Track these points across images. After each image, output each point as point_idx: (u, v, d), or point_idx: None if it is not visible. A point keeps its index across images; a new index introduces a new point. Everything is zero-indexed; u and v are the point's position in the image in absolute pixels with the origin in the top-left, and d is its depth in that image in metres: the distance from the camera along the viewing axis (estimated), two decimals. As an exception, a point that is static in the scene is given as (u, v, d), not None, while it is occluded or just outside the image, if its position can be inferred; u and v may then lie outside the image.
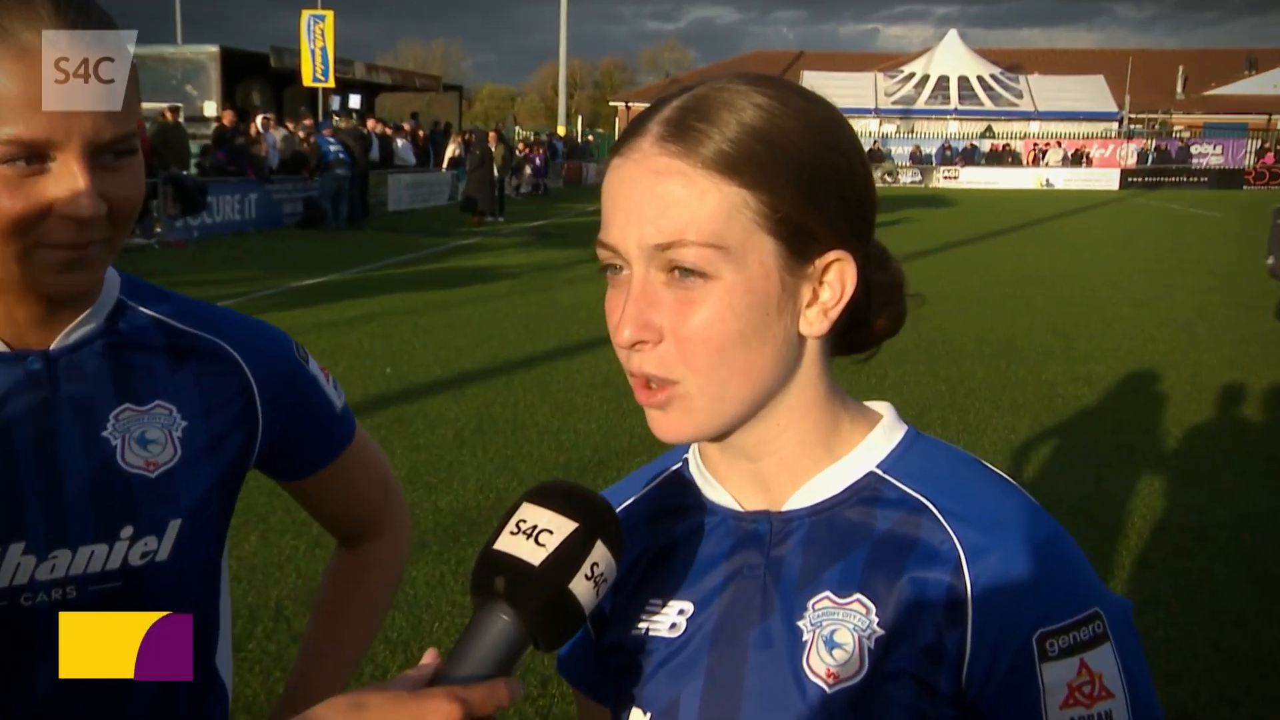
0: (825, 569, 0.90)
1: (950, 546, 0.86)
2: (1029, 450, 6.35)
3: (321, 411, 1.33)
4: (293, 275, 13.24)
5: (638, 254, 0.85)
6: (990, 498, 0.90)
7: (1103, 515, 5.20)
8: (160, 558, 1.14)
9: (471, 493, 5.40)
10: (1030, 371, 8.43)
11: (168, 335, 1.21)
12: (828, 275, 0.87)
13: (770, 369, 0.87)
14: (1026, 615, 0.84)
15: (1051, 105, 53.81)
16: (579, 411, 6.98)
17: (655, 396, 0.87)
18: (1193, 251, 18.37)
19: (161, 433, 1.17)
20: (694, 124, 0.84)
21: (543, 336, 9.59)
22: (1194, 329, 10.52)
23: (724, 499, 0.96)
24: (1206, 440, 6.59)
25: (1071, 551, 0.89)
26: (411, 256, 16.09)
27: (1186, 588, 4.41)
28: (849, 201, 0.86)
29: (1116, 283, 14.01)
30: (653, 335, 0.85)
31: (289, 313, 10.24)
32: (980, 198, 35.99)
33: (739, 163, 0.82)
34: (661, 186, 0.83)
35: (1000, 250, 18.24)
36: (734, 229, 0.83)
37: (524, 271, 14.31)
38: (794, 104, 0.85)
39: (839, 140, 0.86)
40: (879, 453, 0.93)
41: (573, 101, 67.68)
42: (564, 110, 43.94)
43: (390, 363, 8.35)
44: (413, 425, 6.57)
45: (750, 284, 0.84)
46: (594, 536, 0.84)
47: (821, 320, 0.87)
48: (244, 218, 19.04)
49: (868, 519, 0.90)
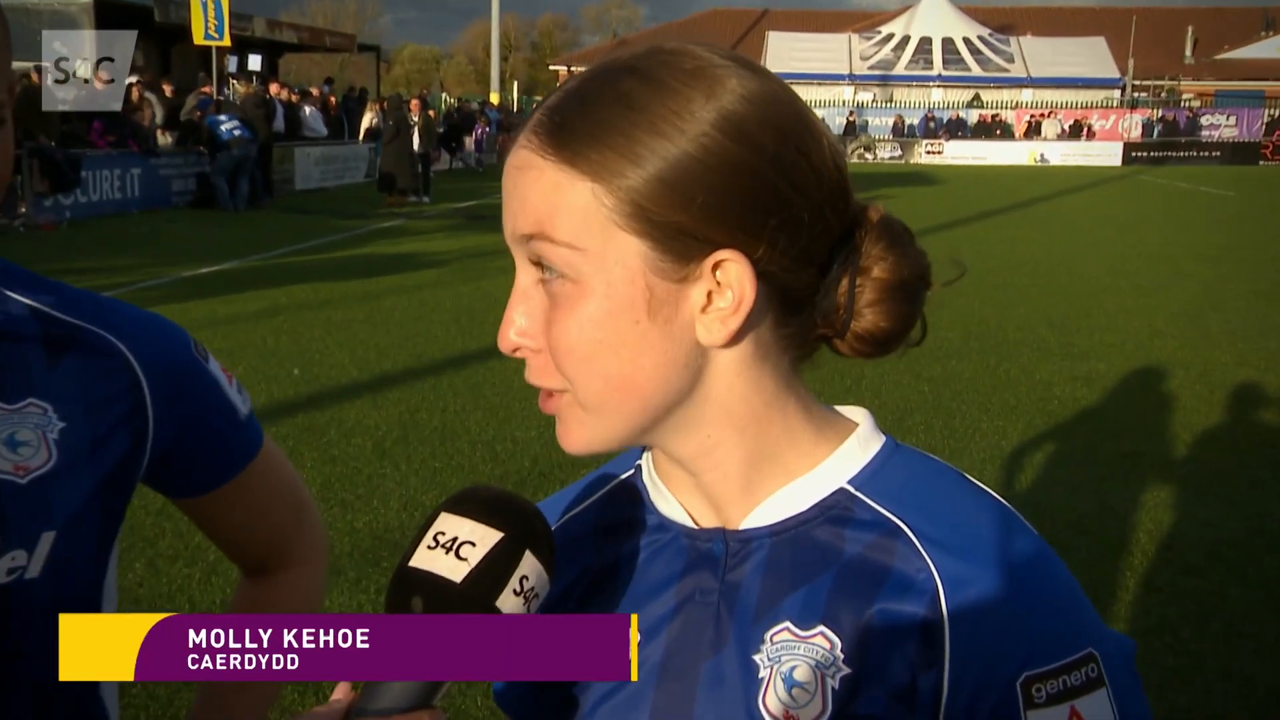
0: (786, 596, 0.90)
1: (927, 575, 0.86)
2: (1022, 458, 6.44)
3: (223, 418, 1.32)
4: (183, 263, 13.11)
5: (515, 248, 0.89)
6: (974, 520, 0.90)
7: (1104, 531, 5.29)
8: (30, 574, 1.13)
9: (394, 511, 5.38)
10: (1023, 370, 8.54)
11: (45, 325, 1.19)
12: (722, 276, 0.85)
13: (654, 381, 0.87)
14: (1011, 656, 0.84)
15: (1046, 71, 54.46)
16: (516, 418, 6.97)
17: (549, 404, 0.90)
18: (1204, 235, 18.70)
19: (34, 434, 1.15)
20: (564, 112, 0.86)
21: (475, 333, 9.57)
22: (1206, 322, 10.70)
23: (677, 513, 0.96)
24: (1220, 447, 6.72)
25: (1065, 583, 0.89)
26: (323, 241, 15.98)
27: (1197, 612, 4.49)
28: (745, 190, 0.84)
29: (1119, 270, 14.23)
30: (532, 342, 0.88)
31: (179, 306, 10.13)
32: (967, 174, 36.38)
33: (596, 153, 0.83)
34: (521, 179, 0.87)
35: (989, 234, 18.45)
36: (592, 228, 0.84)
37: (453, 259, 14.26)
38: (671, 82, 0.85)
39: (742, 125, 0.84)
40: (851, 466, 0.93)
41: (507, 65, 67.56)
42: (497, 75, 43.85)
43: (299, 363, 8.30)
44: (325, 434, 6.54)
45: (611, 289, 0.84)
46: (522, 546, 0.84)
47: (719, 329, 0.86)
48: (125, 196, 18.85)
49: (835, 541, 0.90)
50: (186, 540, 4.86)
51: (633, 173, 0.83)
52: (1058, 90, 52.70)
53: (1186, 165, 43.57)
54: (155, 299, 10.56)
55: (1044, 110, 49.20)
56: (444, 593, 0.82)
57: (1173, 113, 48.71)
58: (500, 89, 44.00)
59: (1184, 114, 48.56)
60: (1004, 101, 51.65)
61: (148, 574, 4.62)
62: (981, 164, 44.00)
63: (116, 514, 1.24)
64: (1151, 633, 4.25)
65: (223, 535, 1.42)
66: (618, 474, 1.06)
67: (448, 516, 0.86)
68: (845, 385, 7.72)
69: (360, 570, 4.69)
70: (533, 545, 0.85)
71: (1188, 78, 57.71)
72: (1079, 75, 53.99)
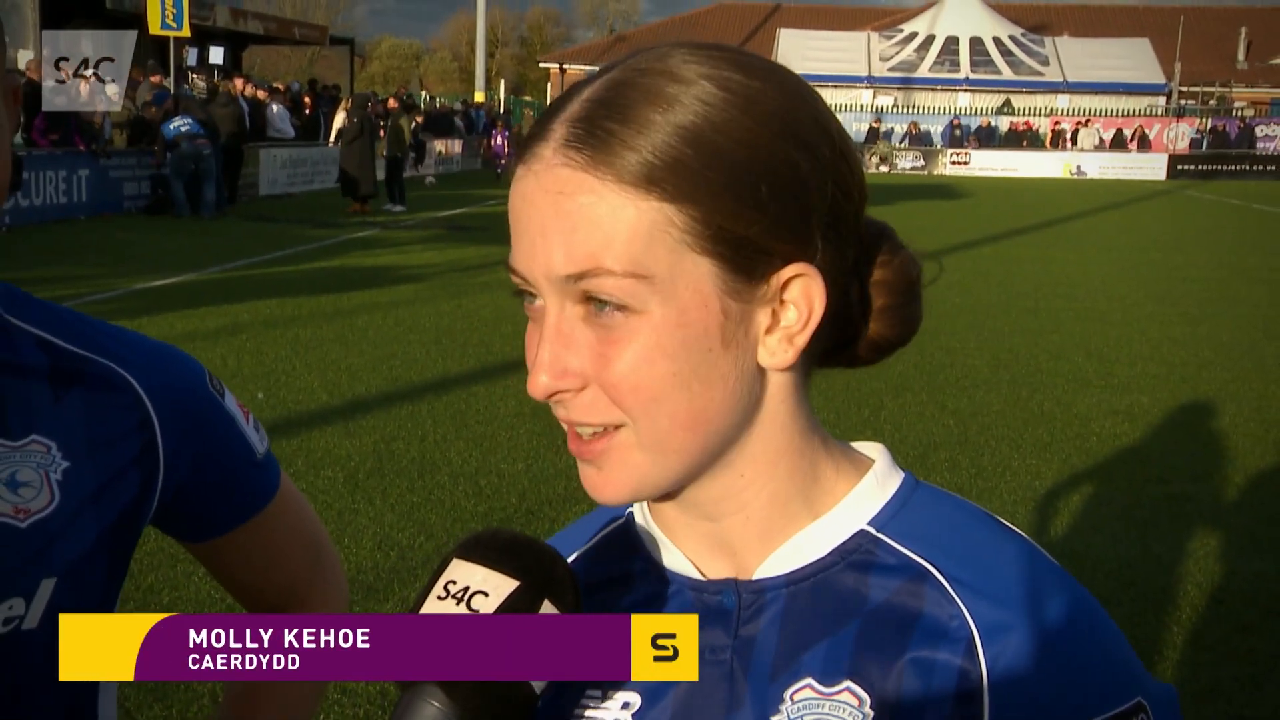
0: (806, 650, 0.90)
1: (961, 623, 0.87)
2: (1057, 501, 6.44)
3: (239, 457, 1.33)
4: (136, 274, 13.12)
5: (547, 285, 0.86)
6: (1009, 562, 0.90)
7: (1148, 583, 5.29)
8: (28, 625, 1.14)
9: (367, 550, 5.38)
10: (1058, 403, 8.55)
11: (52, 357, 1.21)
12: (789, 293, 0.87)
13: (722, 414, 0.87)
14: (1056, 709, 0.85)
15: (1084, 75, 54.75)
16: (502, 449, 6.97)
17: (590, 448, 0.88)
18: (1258, 256, 18.76)
19: (36, 474, 1.17)
20: (605, 124, 0.84)
21: (456, 355, 9.57)
22: (1260, 352, 10.73)
23: (680, 564, 0.97)
24: (1276, 491, 6.72)
25: (1108, 628, 0.90)
26: (289, 252, 16.00)
27: (1252, 675, 4.48)
28: (809, 201, 0.86)
29: (1164, 295, 14.27)
30: (573, 383, 0.86)
31: (131, 322, 10.11)
32: (996, 188, 36.51)
33: (660, 172, 0.83)
34: (567, 205, 0.84)
35: (1020, 253, 18.50)
36: (658, 253, 0.83)
37: (433, 273, 14.29)
38: (734, 86, 0.85)
39: (795, 126, 0.86)
40: (870, 507, 0.93)
41: (493, 62, 67.82)
42: (482, 72, 43.99)
43: (263, 386, 8.29)
44: (292, 465, 6.52)
45: (684, 317, 0.84)
46: (540, 595, 0.84)
47: (786, 348, 0.88)
48: (72, 200, 18.86)
49: (859, 588, 0.90)
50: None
51: (703, 187, 0.83)
52: (1097, 96, 52.99)
53: (1238, 180, 43.77)
54: (105, 313, 10.53)
55: (1081, 118, 49.42)
56: None
57: (1223, 122, 48.97)
58: (486, 88, 44.13)
59: (1235, 124, 48.80)
60: (1037, 108, 51.91)
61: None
62: (1012, 176, 44.19)
63: (123, 562, 1.25)
64: (1202, 697, 4.24)
65: (237, 581, 1.44)
66: (612, 519, 1.05)
67: (459, 563, 0.86)
68: (863, 417, 7.73)
69: (330, 616, 4.68)
70: (552, 593, 0.85)
71: (1240, 84, 57.96)
72: (1121, 80, 54.25)
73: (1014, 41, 57.25)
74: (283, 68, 43.90)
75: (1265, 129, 48.65)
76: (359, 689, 4.11)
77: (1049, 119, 49.78)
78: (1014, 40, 57.33)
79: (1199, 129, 48.35)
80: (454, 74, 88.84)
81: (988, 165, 45.96)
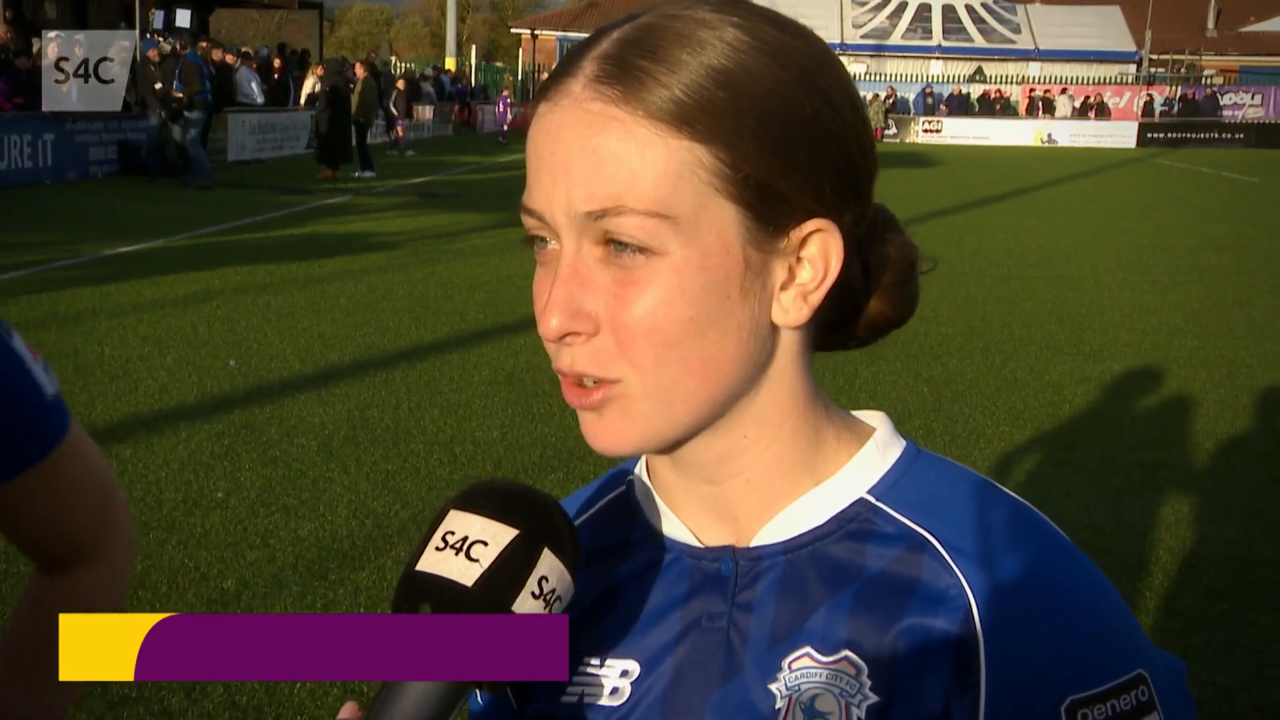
0: (805, 619, 0.90)
1: (959, 591, 0.86)
2: (1030, 467, 6.48)
3: (25, 399, 1.30)
4: (103, 240, 13.03)
5: (566, 223, 0.84)
6: (1009, 531, 0.90)
7: (1121, 550, 5.32)
8: None
9: (342, 518, 5.36)
10: (1031, 371, 8.59)
11: None
12: (806, 250, 0.86)
13: (734, 366, 0.87)
14: (1054, 678, 0.84)
15: (1056, 43, 54.84)
16: (476, 416, 6.97)
17: (589, 397, 0.86)
18: (1227, 224, 18.88)
19: None
20: (637, 61, 0.83)
21: (430, 323, 9.55)
22: (1229, 319, 10.81)
23: (679, 531, 0.96)
24: (1247, 457, 6.78)
25: (1110, 596, 0.89)
26: (260, 219, 15.91)
27: (1224, 640, 4.52)
28: (833, 158, 0.86)
29: (1134, 263, 14.35)
30: (586, 325, 0.85)
31: (98, 289, 10.06)
32: (969, 156, 36.59)
33: (692, 111, 0.82)
34: (595, 140, 0.82)
35: (992, 221, 18.56)
36: (684, 194, 0.82)
37: (405, 240, 14.23)
38: (767, 36, 0.85)
39: (824, 83, 0.86)
40: (871, 475, 0.93)
41: (464, 27, 67.38)
42: (454, 38, 43.71)
43: (235, 354, 8.25)
44: (265, 433, 6.50)
45: (705, 261, 0.83)
46: (539, 544, 0.84)
47: (800, 306, 0.87)
48: (37, 165, 18.74)
49: (856, 557, 0.90)
50: None
51: (735, 131, 0.83)
52: (1068, 64, 53.08)
53: (1207, 148, 44.00)
54: (71, 280, 10.47)
55: (1052, 86, 49.52)
56: (455, 598, 0.82)
57: (1192, 90, 49.12)
58: (457, 53, 43.87)
59: (1204, 92, 48.97)
60: (1009, 75, 51.97)
61: None
62: (984, 144, 44.29)
63: None
64: (1174, 660, 4.27)
65: (21, 528, 1.40)
66: (611, 488, 1.05)
67: (457, 514, 0.85)
68: (838, 384, 7.75)
69: (305, 584, 4.67)
70: (551, 542, 0.84)
71: (1210, 52, 58.20)
72: (1091, 48, 54.37)
73: (986, 9, 57.26)
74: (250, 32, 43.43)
75: (1232, 97, 48.87)
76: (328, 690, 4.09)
77: (1021, 86, 49.83)
78: (986, 8, 57.33)
79: (1169, 97, 48.51)
80: (425, 39, 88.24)
81: (960, 133, 46.06)
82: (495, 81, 47.16)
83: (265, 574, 4.72)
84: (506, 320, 9.61)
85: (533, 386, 7.58)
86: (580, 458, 6.17)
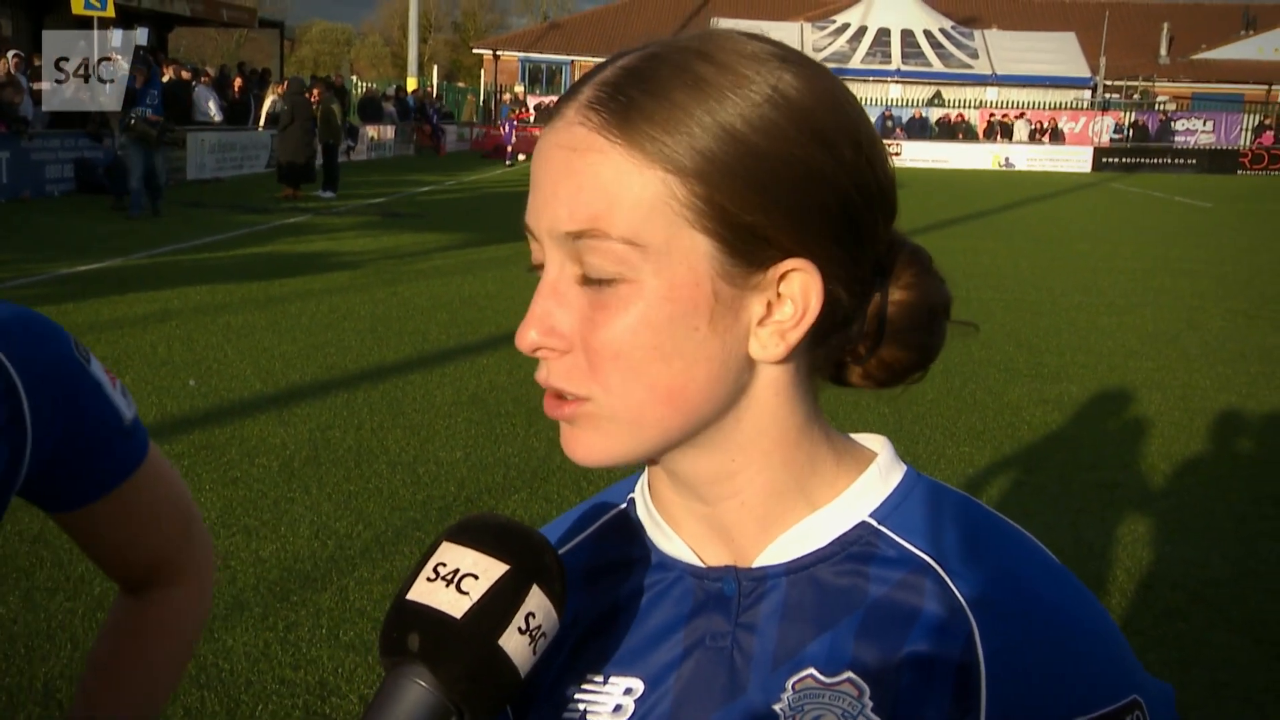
0: (809, 641, 0.90)
1: (961, 618, 0.87)
2: (989, 488, 6.52)
3: (106, 425, 1.31)
4: (60, 259, 12.94)
5: (551, 242, 0.87)
6: (1009, 557, 0.91)
7: (1079, 569, 5.35)
8: None
9: (304, 539, 5.34)
10: (990, 393, 8.66)
11: None
12: (786, 286, 0.87)
13: (703, 396, 0.87)
14: (1054, 703, 0.85)
15: (1013, 68, 55.30)
16: (439, 437, 6.95)
17: (564, 409, 0.88)
18: (1181, 248, 19.07)
19: None
20: (630, 91, 0.85)
21: (392, 343, 9.52)
22: (1184, 342, 10.91)
23: (680, 551, 0.97)
24: (1201, 478, 6.84)
25: (1105, 622, 0.91)
26: (220, 238, 15.82)
27: (1179, 658, 4.56)
28: (822, 198, 0.86)
29: (1091, 286, 14.46)
30: (559, 343, 0.86)
31: (55, 308, 9.97)
32: (927, 179, 36.78)
33: (668, 139, 0.83)
34: (576, 163, 0.85)
35: (950, 243, 18.64)
36: (656, 224, 0.83)
37: (366, 260, 14.18)
38: (769, 77, 0.86)
39: (820, 122, 0.86)
40: (872, 499, 0.94)
41: (426, 47, 67.29)
42: (415, 57, 43.67)
43: (195, 373, 8.21)
44: (225, 454, 6.47)
45: (673, 292, 0.84)
46: (529, 580, 0.85)
47: (777, 343, 0.88)
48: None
49: (859, 580, 0.91)
50: (67, 571, 4.79)
51: (713, 166, 0.83)
52: (1024, 89, 53.54)
53: (1161, 173, 44.42)
54: (27, 300, 10.36)
55: (1009, 110, 49.95)
56: (443, 629, 0.83)
57: (1145, 116, 49.66)
58: (419, 73, 43.82)
59: (1156, 118, 49.51)
60: (967, 100, 52.38)
61: (23, 609, 4.54)
62: (942, 167, 44.55)
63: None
64: (1132, 679, 4.30)
65: (105, 551, 1.41)
66: (611, 506, 1.05)
67: (450, 546, 0.86)
68: (799, 406, 7.78)
69: (267, 605, 4.64)
70: (541, 579, 0.86)
71: (1163, 78, 58.90)
72: (1047, 74, 54.88)
73: (944, 34, 57.72)
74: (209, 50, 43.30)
75: (1185, 123, 49.41)
76: (297, 679, 4.08)
77: (979, 111, 50.24)
78: (944, 33, 57.79)
79: (1121, 123, 49.01)
80: (385, 59, 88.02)
81: (918, 156, 46.27)
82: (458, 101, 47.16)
83: (226, 595, 4.69)
84: (469, 340, 9.60)
85: (496, 407, 7.57)
86: (544, 478, 6.17)
